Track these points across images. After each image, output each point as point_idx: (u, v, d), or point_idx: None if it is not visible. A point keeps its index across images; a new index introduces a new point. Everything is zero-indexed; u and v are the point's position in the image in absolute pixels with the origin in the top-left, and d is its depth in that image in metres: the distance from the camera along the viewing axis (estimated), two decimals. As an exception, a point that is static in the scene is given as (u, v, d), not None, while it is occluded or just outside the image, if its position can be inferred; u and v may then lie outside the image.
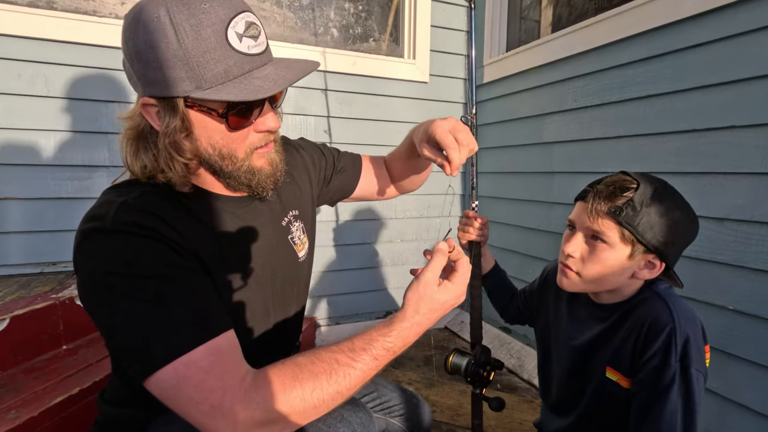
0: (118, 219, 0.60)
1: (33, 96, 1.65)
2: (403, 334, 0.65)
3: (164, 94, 0.60)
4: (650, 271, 0.79)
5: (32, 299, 1.35)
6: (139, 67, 0.60)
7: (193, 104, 0.61)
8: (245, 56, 0.61)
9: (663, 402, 0.72)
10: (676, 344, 0.72)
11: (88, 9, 1.75)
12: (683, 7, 1.32)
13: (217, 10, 0.58)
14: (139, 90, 0.63)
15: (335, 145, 2.20)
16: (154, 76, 0.59)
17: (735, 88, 1.22)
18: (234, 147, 0.66)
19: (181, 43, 0.57)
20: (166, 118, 0.61)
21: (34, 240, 1.69)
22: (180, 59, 0.57)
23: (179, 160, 0.64)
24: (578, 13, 1.91)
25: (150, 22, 0.57)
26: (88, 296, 0.61)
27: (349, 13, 2.28)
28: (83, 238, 0.60)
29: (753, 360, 1.20)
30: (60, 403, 1.08)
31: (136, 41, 0.58)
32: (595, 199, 0.79)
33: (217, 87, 0.59)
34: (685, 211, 0.78)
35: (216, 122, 0.63)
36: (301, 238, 0.88)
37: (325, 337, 2.27)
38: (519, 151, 2.12)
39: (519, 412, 1.68)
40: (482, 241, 1.10)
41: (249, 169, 0.68)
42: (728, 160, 1.24)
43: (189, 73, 0.58)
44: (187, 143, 0.63)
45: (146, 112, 0.63)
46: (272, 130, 0.68)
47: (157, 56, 0.57)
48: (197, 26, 0.57)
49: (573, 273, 0.83)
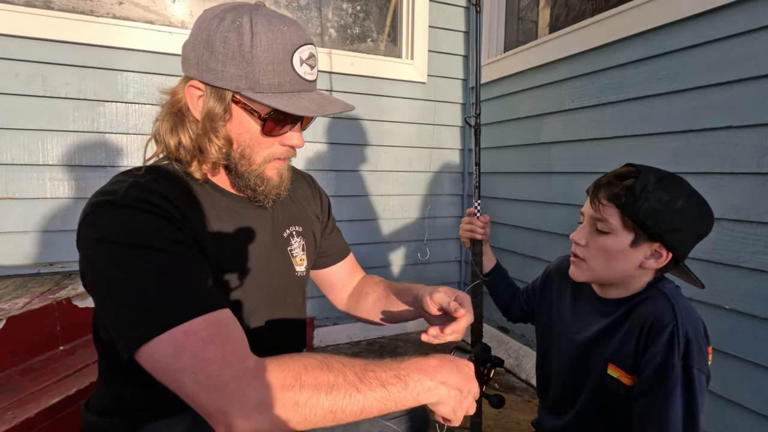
0: (128, 195, 0.62)
1: (30, 96, 1.65)
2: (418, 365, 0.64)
3: (217, 84, 0.66)
4: (657, 260, 0.79)
5: (29, 300, 1.34)
6: (204, 54, 0.66)
7: (239, 101, 0.67)
8: (300, 79, 0.69)
9: (666, 402, 0.72)
10: (679, 343, 0.73)
11: (85, 9, 1.75)
12: (680, 8, 1.33)
13: (291, 34, 0.67)
14: (191, 73, 0.68)
15: (334, 145, 2.21)
16: (215, 65, 0.65)
17: (732, 88, 1.23)
18: (257, 150, 0.71)
19: (254, 47, 0.64)
20: (211, 102, 0.67)
21: (31, 240, 1.69)
22: (246, 60, 0.64)
23: (216, 143, 0.69)
24: (576, 13, 1.92)
25: (233, 22, 0.65)
26: (91, 265, 0.61)
27: (347, 13, 2.28)
28: (90, 211, 0.62)
29: (750, 359, 1.20)
30: (57, 404, 1.08)
31: (211, 31, 0.65)
32: (598, 188, 0.82)
33: (267, 94, 0.66)
34: (694, 202, 0.77)
35: (253, 122, 0.69)
36: (301, 254, 0.89)
37: (323, 337, 2.27)
38: (517, 152, 2.13)
39: (517, 412, 1.68)
40: (484, 239, 1.10)
41: (260, 176, 0.73)
42: (725, 160, 1.25)
43: (249, 73, 0.65)
44: (223, 130, 0.69)
45: (189, 94, 0.69)
46: (296, 147, 0.74)
47: (226, 50, 0.64)
48: (272, 40, 0.65)
49: (580, 260, 0.85)
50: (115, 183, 0.65)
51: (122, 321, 0.58)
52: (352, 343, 2.31)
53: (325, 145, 2.16)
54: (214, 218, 0.72)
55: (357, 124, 2.23)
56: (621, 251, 0.79)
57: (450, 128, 2.48)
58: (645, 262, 0.80)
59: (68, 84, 1.69)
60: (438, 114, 2.42)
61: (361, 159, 2.27)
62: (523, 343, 2.09)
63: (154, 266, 0.58)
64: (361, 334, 2.35)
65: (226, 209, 0.75)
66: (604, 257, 0.81)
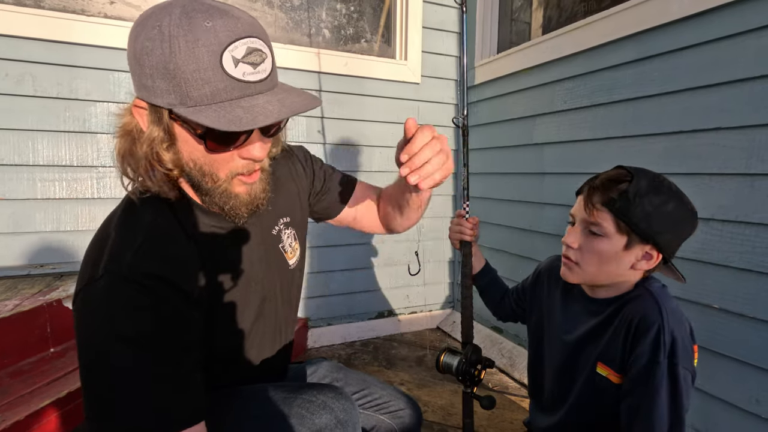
0: (129, 270, 0.61)
1: (20, 95, 1.63)
2: None
3: (153, 101, 0.60)
4: (648, 262, 0.81)
5: (19, 301, 1.33)
6: (136, 69, 0.60)
7: (176, 118, 0.61)
8: (237, 82, 0.58)
9: (652, 399, 0.73)
10: (665, 342, 0.74)
11: (76, 8, 1.73)
12: (670, 10, 1.34)
13: (218, 31, 0.57)
14: (134, 89, 0.63)
15: (327, 145, 2.21)
16: (146, 82, 0.59)
17: (721, 90, 1.24)
18: (216, 167, 0.64)
19: (173, 56, 0.56)
20: (150, 124, 0.62)
21: (21, 241, 1.67)
22: (170, 72, 0.57)
23: (159, 170, 0.64)
24: (568, 15, 1.93)
25: (152, 28, 0.57)
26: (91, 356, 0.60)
27: (340, 13, 2.28)
28: (96, 278, 0.61)
29: (738, 358, 1.22)
30: (47, 407, 1.07)
31: (136, 42, 0.59)
32: (591, 192, 0.81)
33: (200, 107, 0.58)
34: (681, 204, 0.79)
35: (194, 141, 0.62)
36: (292, 245, 0.88)
37: (317, 338, 2.27)
38: (510, 152, 2.14)
39: (510, 412, 1.69)
40: (473, 241, 1.11)
41: (225, 192, 0.66)
42: (714, 161, 1.26)
43: (175, 87, 0.57)
44: (168, 154, 0.63)
45: (138, 114, 0.63)
46: (256, 159, 0.66)
47: (150, 63, 0.57)
48: (192, 43, 0.56)
49: (573, 263, 0.85)
50: (109, 247, 0.63)
51: (94, 414, 0.59)
52: (347, 344, 2.31)
53: (317, 146, 2.16)
54: (203, 246, 0.70)
55: (350, 125, 2.23)
56: (614, 254, 0.80)
57: (443, 129, 2.48)
58: (637, 264, 0.81)
59: (59, 84, 1.68)
60: (431, 115, 2.43)
61: (354, 159, 2.27)
62: (517, 343, 2.10)
63: (135, 372, 0.58)
64: (355, 335, 2.35)
65: (211, 234, 0.72)
66: (597, 260, 0.82)
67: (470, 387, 1.08)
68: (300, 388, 0.78)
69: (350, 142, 2.24)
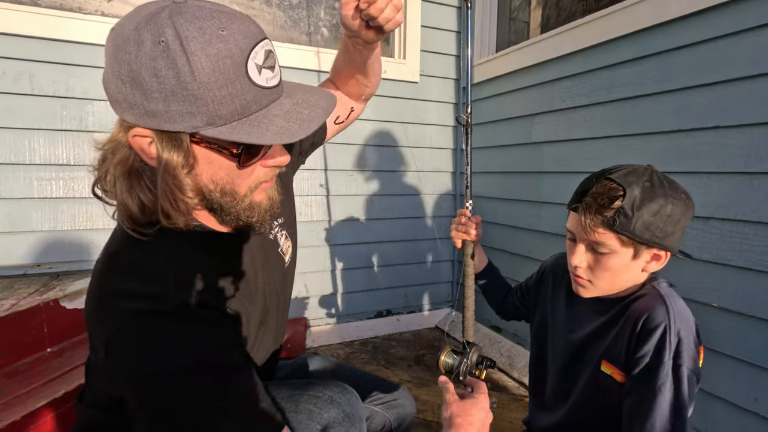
0: (173, 302, 0.58)
1: (17, 94, 1.62)
2: None
3: (166, 128, 0.53)
4: (658, 262, 0.81)
5: (16, 301, 1.32)
6: (135, 95, 0.52)
7: (200, 140, 0.55)
8: (264, 90, 0.55)
9: (654, 399, 0.73)
10: (670, 342, 0.73)
11: (73, 6, 1.73)
12: (668, 9, 1.34)
13: (236, 38, 0.52)
14: (128, 118, 0.54)
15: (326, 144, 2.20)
16: (155, 107, 0.52)
17: (719, 89, 1.24)
18: (238, 183, 0.60)
19: (196, 75, 0.50)
20: (165, 152, 0.54)
21: (17, 241, 1.66)
22: (192, 93, 0.51)
23: (182, 199, 0.57)
24: (566, 14, 1.93)
25: (156, 44, 0.49)
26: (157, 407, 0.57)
27: (338, 12, 2.27)
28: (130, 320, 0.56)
29: (737, 356, 1.22)
30: (44, 407, 1.06)
31: (132, 63, 0.50)
32: (587, 214, 0.79)
33: (232, 124, 0.53)
34: (677, 199, 0.78)
35: (225, 159, 0.57)
36: (286, 245, 0.88)
37: (316, 337, 2.26)
38: (509, 151, 2.14)
39: (509, 411, 1.69)
40: (476, 240, 1.10)
41: (249, 205, 0.63)
42: (713, 160, 1.26)
43: (201, 108, 0.52)
44: (188, 180, 0.57)
45: (136, 144, 0.55)
46: (282, 165, 0.63)
47: (162, 87, 0.50)
48: (215, 57, 0.50)
49: (586, 281, 0.84)
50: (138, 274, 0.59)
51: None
52: (345, 343, 2.30)
53: (317, 145, 2.16)
54: (221, 276, 0.68)
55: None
56: (625, 266, 0.80)
57: (442, 128, 2.48)
58: (647, 266, 0.81)
59: (56, 82, 1.67)
60: (430, 114, 2.43)
61: (353, 158, 2.27)
62: (516, 342, 2.10)
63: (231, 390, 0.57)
64: (354, 334, 2.35)
65: (222, 257, 0.69)
66: (609, 275, 0.81)
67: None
68: (306, 384, 0.79)
69: (348, 141, 2.24)
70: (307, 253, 2.20)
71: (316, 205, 2.22)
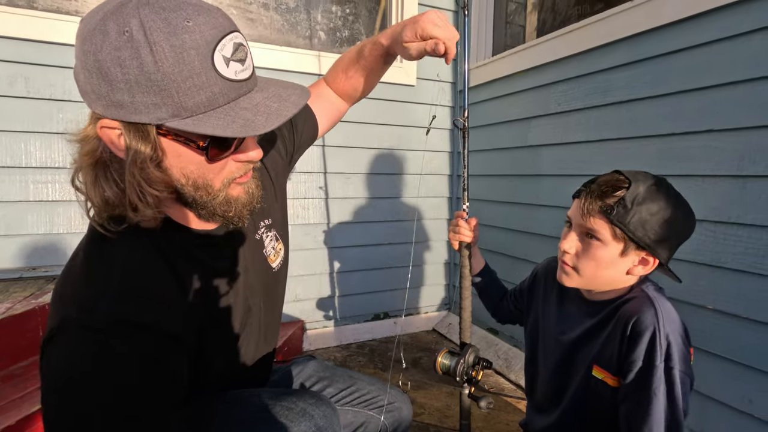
0: (105, 316, 0.54)
1: (13, 97, 1.61)
2: None
3: (132, 119, 0.53)
4: (644, 267, 0.81)
5: (11, 305, 1.31)
6: (101, 85, 0.52)
7: (167, 132, 0.55)
8: (232, 83, 0.54)
9: (649, 403, 0.73)
10: (660, 345, 0.74)
11: (69, 9, 1.73)
12: (663, 13, 1.35)
13: (203, 29, 0.52)
14: (97, 109, 0.54)
15: (323, 147, 2.20)
16: (120, 98, 0.51)
17: (712, 92, 1.26)
18: (210, 177, 0.59)
19: (159, 66, 0.50)
20: (133, 144, 0.54)
21: (13, 244, 1.65)
22: (156, 83, 0.50)
23: (150, 192, 0.57)
24: (562, 18, 1.95)
25: (120, 33, 0.49)
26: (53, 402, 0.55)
27: (336, 16, 2.28)
28: (60, 331, 0.55)
29: (732, 358, 1.23)
30: (39, 412, 1.06)
31: (98, 55, 0.50)
32: (588, 198, 0.81)
33: (198, 116, 0.53)
34: (680, 209, 0.79)
35: (193, 153, 0.56)
36: (276, 247, 0.85)
37: (312, 340, 2.26)
38: (505, 154, 2.15)
39: (506, 413, 1.69)
40: (473, 242, 1.11)
41: (225, 200, 0.62)
42: (707, 163, 1.27)
43: (166, 99, 0.51)
44: (157, 173, 0.56)
45: (105, 136, 0.55)
46: (253, 161, 0.62)
47: (126, 77, 0.50)
48: (180, 48, 0.50)
49: (570, 268, 0.85)
50: (84, 288, 0.56)
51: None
52: (342, 346, 2.30)
53: (313, 147, 2.16)
54: (190, 282, 0.65)
55: (346, 127, 2.23)
56: (611, 260, 0.80)
57: (439, 131, 2.49)
58: (633, 269, 0.81)
59: (52, 85, 1.66)
60: (426, 117, 2.43)
61: (351, 161, 2.27)
62: (512, 345, 2.11)
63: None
64: (351, 337, 2.35)
65: (196, 257, 0.66)
66: (593, 266, 0.82)
67: (468, 388, 1.08)
68: (280, 394, 0.76)
69: (345, 144, 2.24)
70: (304, 256, 2.20)
71: (314, 208, 2.22)
